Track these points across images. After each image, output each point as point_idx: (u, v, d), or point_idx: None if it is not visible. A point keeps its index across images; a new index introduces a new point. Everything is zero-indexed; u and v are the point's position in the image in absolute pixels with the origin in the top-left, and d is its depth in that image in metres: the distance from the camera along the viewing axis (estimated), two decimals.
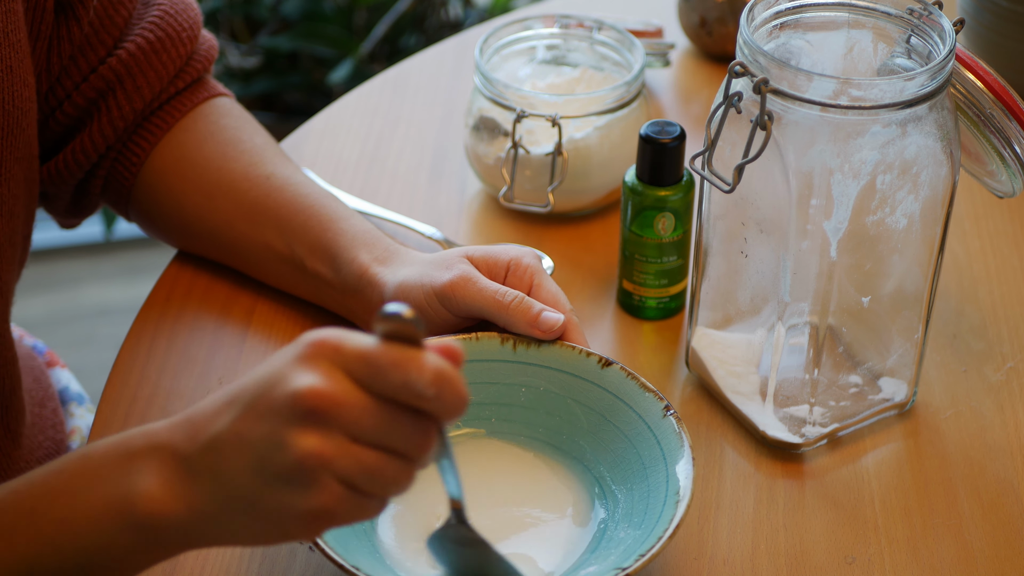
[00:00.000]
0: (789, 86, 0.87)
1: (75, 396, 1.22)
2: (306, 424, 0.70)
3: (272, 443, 0.70)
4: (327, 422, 0.70)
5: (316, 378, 0.70)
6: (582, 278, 1.12)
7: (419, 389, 0.70)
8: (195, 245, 1.10)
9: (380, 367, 0.70)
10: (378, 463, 0.71)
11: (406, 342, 0.70)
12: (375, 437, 0.71)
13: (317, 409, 0.69)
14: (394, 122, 1.29)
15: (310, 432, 0.70)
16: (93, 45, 1.04)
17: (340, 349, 0.70)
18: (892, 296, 0.97)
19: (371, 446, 0.71)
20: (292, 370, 0.71)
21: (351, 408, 0.70)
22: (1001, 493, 0.96)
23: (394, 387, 0.70)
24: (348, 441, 0.70)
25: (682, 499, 0.85)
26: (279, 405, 0.70)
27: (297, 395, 0.70)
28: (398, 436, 0.71)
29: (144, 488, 0.74)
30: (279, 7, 2.34)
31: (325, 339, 0.71)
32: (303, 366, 0.70)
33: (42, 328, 2.28)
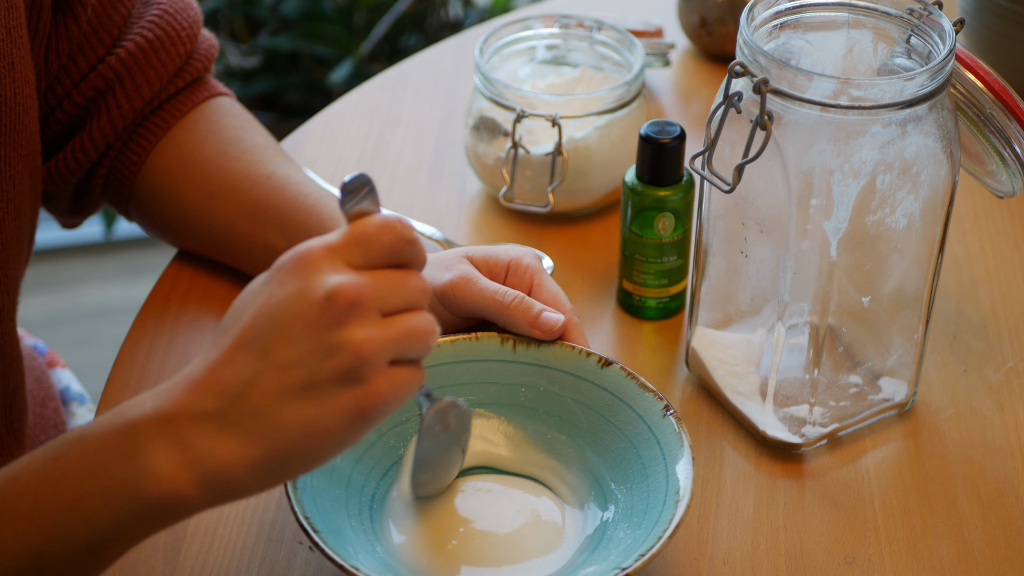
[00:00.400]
0: (789, 86, 0.87)
1: (76, 396, 1.22)
2: (348, 320, 0.72)
3: (322, 352, 0.72)
4: (363, 310, 0.72)
5: (336, 277, 0.72)
6: (582, 278, 1.12)
7: (406, 235, 0.74)
8: (195, 244, 1.10)
9: (371, 238, 0.73)
10: (409, 324, 0.74)
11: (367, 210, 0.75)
12: (398, 302, 0.74)
13: (352, 301, 0.72)
14: (394, 122, 1.29)
15: (354, 325, 0.72)
16: (92, 44, 1.04)
17: (329, 246, 0.73)
18: (892, 296, 0.97)
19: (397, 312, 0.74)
20: (305, 281, 0.72)
21: (372, 287, 0.72)
22: (1001, 493, 0.96)
23: (390, 248, 0.74)
24: (384, 318, 0.73)
25: (682, 499, 0.85)
26: (316, 316, 0.72)
27: (331, 296, 0.71)
28: (411, 290, 0.74)
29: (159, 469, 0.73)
30: (279, 7, 2.34)
31: (310, 247, 0.73)
32: (312, 275, 0.72)
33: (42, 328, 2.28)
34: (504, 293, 0.93)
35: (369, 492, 0.90)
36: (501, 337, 0.94)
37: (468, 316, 0.95)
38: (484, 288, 0.94)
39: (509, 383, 0.95)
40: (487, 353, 0.94)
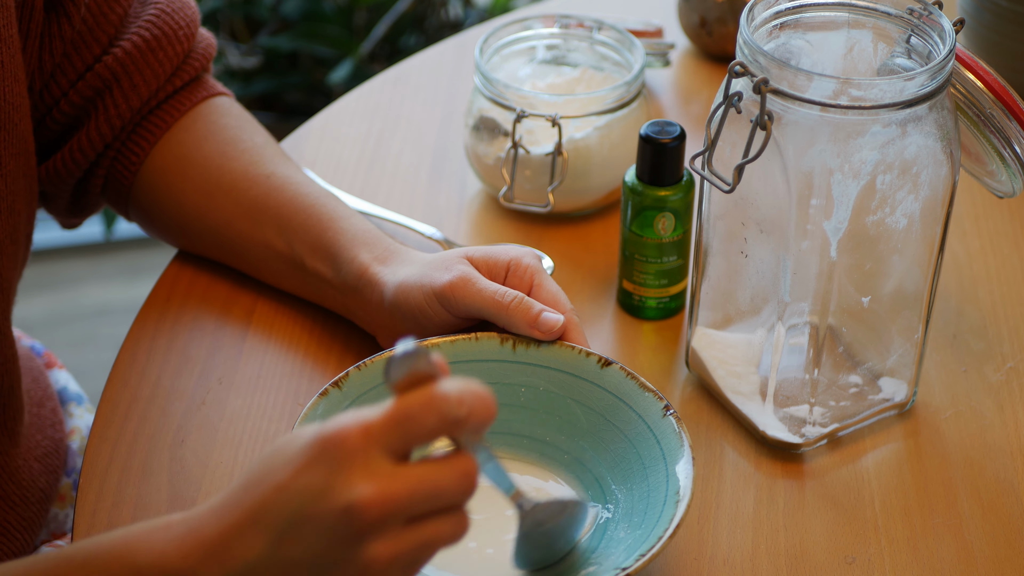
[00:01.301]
0: (789, 86, 0.87)
1: (74, 396, 1.22)
2: (367, 536, 0.68)
3: (331, 561, 0.68)
4: (383, 526, 0.68)
5: (364, 485, 0.67)
6: (582, 278, 1.12)
7: (455, 416, 0.68)
8: (195, 244, 1.10)
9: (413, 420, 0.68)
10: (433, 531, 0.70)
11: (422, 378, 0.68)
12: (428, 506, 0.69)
13: (377, 518, 0.67)
14: (394, 122, 1.29)
15: (373, 541, 0.68)
16: (87, 43, 1.04)
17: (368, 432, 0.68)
18: (892, 296, 0.97)
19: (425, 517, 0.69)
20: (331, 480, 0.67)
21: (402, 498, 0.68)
22: (1001, 493, 0.96)
23: (433, 430, 0.68)
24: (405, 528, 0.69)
25: (682, 499, 0.85)
26: (332, 524, 0.68)
27: (353, 509, 0.67)
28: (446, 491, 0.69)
29: None
30: (279, 7, 2.34)
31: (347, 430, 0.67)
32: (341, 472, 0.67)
33: (42, 328, 2.28)
34: (504, 293, 0.93)
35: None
36: (501, 337, 0.94)
37: (468, 316, 0.95)
38: (484, 288, 0.94)
39: (509, 383, 0.95)
40: (487, 353, 0.94)
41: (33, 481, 1.06)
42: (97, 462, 0.96)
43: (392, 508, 0.68)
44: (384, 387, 0.93)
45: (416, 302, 0.95)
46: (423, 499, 0.69)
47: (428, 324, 0.96)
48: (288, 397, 1.01)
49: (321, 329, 1.05)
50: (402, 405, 0.68)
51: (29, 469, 1.06)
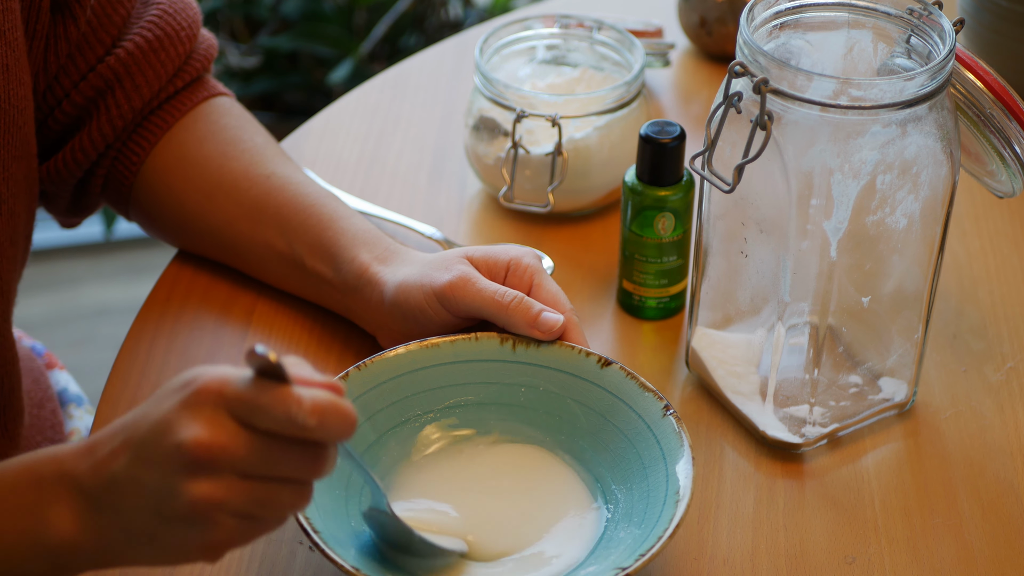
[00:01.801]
0: (789, 86, 0.87)
1: (74, 397, 1.22)
2: (194, 472, 0.72)
3: (164, 490, 0.73)
4: (214, 468, 0.72)
5: (199, 428, 0.72)
6: (582, 278, 1.12)
7: (301, 421, 0.72)
8: (195, 244, 1.10)
9: (260, 405, 0.72)
10: (270, 493, 0.74)
11: (278, 379, 0.72)
12: (265, 470, 0.73)
13: (203, 458, 0.72)
14: (394, 122, 1.29)
15: (199, 479, 0.73)
16: (91, 44, 1.04)
17: (222, 392, 0.73)
18: (892, 296, 0.97)
19: (262, 479, 0.74)
20: (178, 418, 0.73)
21: (236, 450, 0.72)
22: (1001, 493, 0.96)
23: (277, 422, 0.72)
24: (238, 479, 0.73)
25: (682, 499, 0.85)
26: (167, 454, 0.73)
27: (183, 446, 0.72)
28: (287, 465, 0.74)
29: (54, 518, 0.77)
30: (279, 7, 2.34)
31: (207, 383, 0.73)
32: (187, 414, 0.73)
33: (42, 328, 2.28)
34: (503, 293, 0.93)
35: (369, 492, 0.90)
36: (501, 337, 0.94)
37: (468, 316, 0.95)
38: (483, 288, 0.94)
39: (509, 383, 0.95)
40: (487, 353, 0.94)
41: None
42: None
43: (219, 454, 0.72)
44: (384, 387, 0.93)
45: (416, 302, 0.95)
46: (258, 461, 0.73)
47: (428, 324, 0.96)
48: None
49: (321, 329, 1.05)
50: (258, 390, 0.72)
51: None
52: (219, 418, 0.72)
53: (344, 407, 0.73)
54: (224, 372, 0.73)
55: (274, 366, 0.72)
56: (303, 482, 0.75)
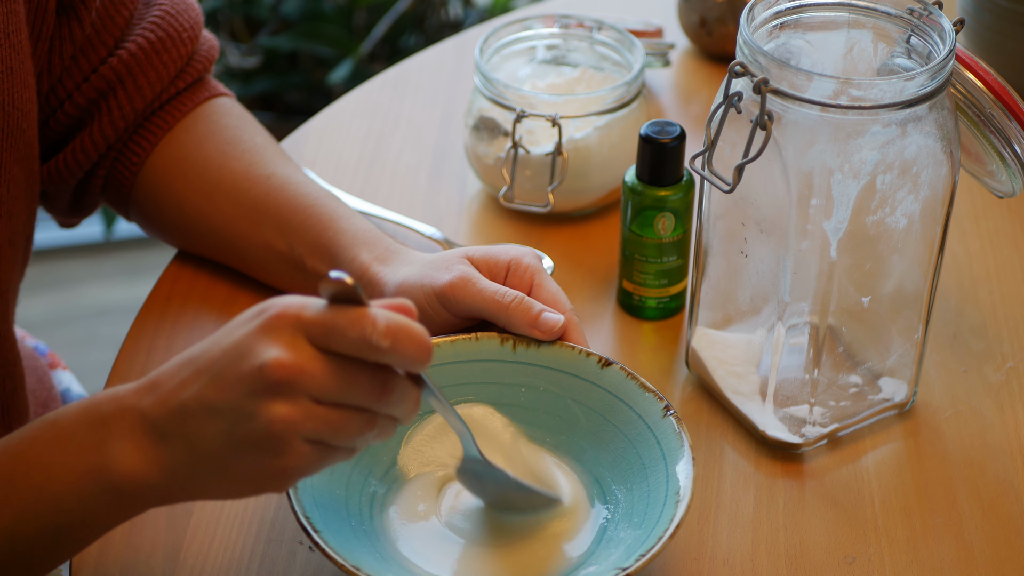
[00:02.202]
0: (789, 86, 0.87)
1: (77, 398, 1.22)
2: (273, 395, 0.74)
3: (242, 413, 0.74)
4: (292, 390, 0.74)
5: (280, 350, 0.74)
6: (582, 278, 1.12)
7: (375, 342, 0.73)
8: (195, 245, 1.10)
9: (337, 327, 0.74)
10: (341, 419, 0.75)
11: (353, 303, 0.74)
12: (338, 396, 0.75)
13: (283, 380, 0.73)
14: (394, 122, 1.29)
15: (277, 402, 0.74)
16: (94, 45, 1.04)
17: (300, 317, 0.74)
18: (892, 296, 0.97)
19: (335, 405, 0.75)
20: (257, 342, 0.74)
21: (314, 374, 0.74)
22: (1001, 493, 0.96)
23: (352, 344, 0.74)
24: (313, 404, 0.74)
25: (682, 499, 0.85)
26: (246, 377, 0.74)
27: (264, 367, 0.73)
28: (359, 392, 0.75)
29: (118, 454, 0.78)
30: (279, 7, 2.34)
31: (286, 309, 0.74)
32: (266, 337, 0.74)
33: (42, 328, 2.28)
34: (504, 293, 0.93)
35: (369, 492, 0.90)
36: (501, 337, 0.94)
37: (468, 316, 0.95)
38: (484, 288, 0.94)
39: (509, 383, 0.95)
40: (487, 353, 0.94)
41: None
42: None
43: (298, 376, 0.73)
44: None
45: (416, 302, 0.95)
46: (333, 385, 0.74)
47: (428, 324, 0.96)
48: None
49: None
50: (334, 313, 0.74)
51: None
52: (298, 341, 0.74)
53: (417, 330, 0.74)
54: (300, 299, 0.75)
55: (350, 289, 0.73)
56: (373, 411, 0.76)
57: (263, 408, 0.74)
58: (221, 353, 0.75)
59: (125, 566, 0.89)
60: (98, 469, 0.78)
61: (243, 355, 0.74)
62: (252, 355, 0.74)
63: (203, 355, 0.76)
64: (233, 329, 0.76)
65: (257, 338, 0.74)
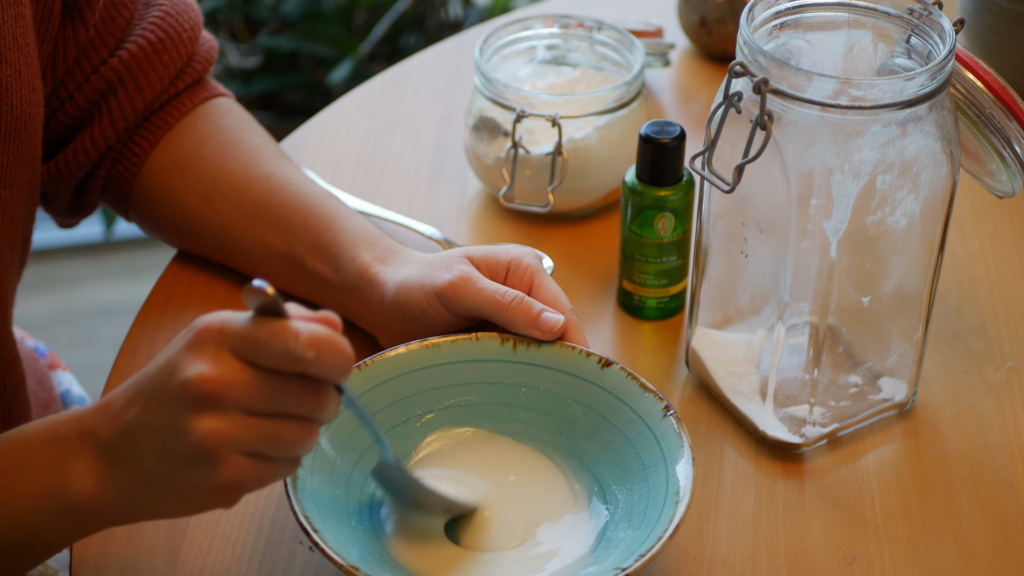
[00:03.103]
0: (789, 86, 0.87)
1: (77, 399, 1.22)
2: (200, 409, 0.75)
3: (173, 430, 0.75)
4: (220, 404, 0.74)
5: (203, 365, 0.74)
6: (582, 278, 1.12)
7: (298, 354, 0.74)
8: (195, 245, 1.10)
9: (260, 341, 0.74)
10: (276, 429, 0.76)
11: (275, 315, 0.74)
12: (268, 406, 0.75)
13: (208, 394, 0.74)
14: (394, 122, 1.29)
15: (206, 415, 0.75)
16: (96, 46, 1.04)
17: (223, 331, 0.75)
18: (892, 296, 0.97)
19: (267, 415, 0.75)
20: (183, 358, 0.75)
21: (240, 385, 0.74)
22: (1001, 493, 0.96)
23: (276, 357, 0.74)
24: (243, 416, 0.75)
25: (682, 499, 0.85)
26: (175, 394, 0.75)
27: (187, 383, 0.74)
28: (290, 401, 0.76)
29: (75, 475, 0.79)
30: (279, 7, 2.34)
31: (209, 324, 0.75)
32: (192, 353, 0.75)
33: (42, 328, 2.28)
34: (504, 293, 0.93)
35: (369, 492, 0.90)
36: (501, 337, 0.94)
37: (468, 316, 0.95)
38: (484, 288, 0.94)
39: (509, 383, 0.95)
40: (487, 353, 0.94)
41: None
42: None
43: (223, 389, 0.74)
44: (384, 387, 0.93)
45: (417, 301, 0.95)
46: (261, 397, 0.75)
47: (429, 323, 0.96)
48: None
49: None
50: (257, 326, 0.74)
51: None
52: (222, 355, 0.75)
53: (339, 342, 0.75)
54: (224, 314, 0.76)
55: (271, 299, 0.73)
56: (308, 419, 0.77)
57: (192, 423, 0.75)
58: (155, 373, 0.77)
59: (125, 566, 0.89)
60: (56, 489, 0.79)
61: (171, 373, 0.75)
62: (179, 372, 0.75)
63: (143, 376, 0.78)
64: (168, 349, 0.77)
65: (184, 355, 0.75)
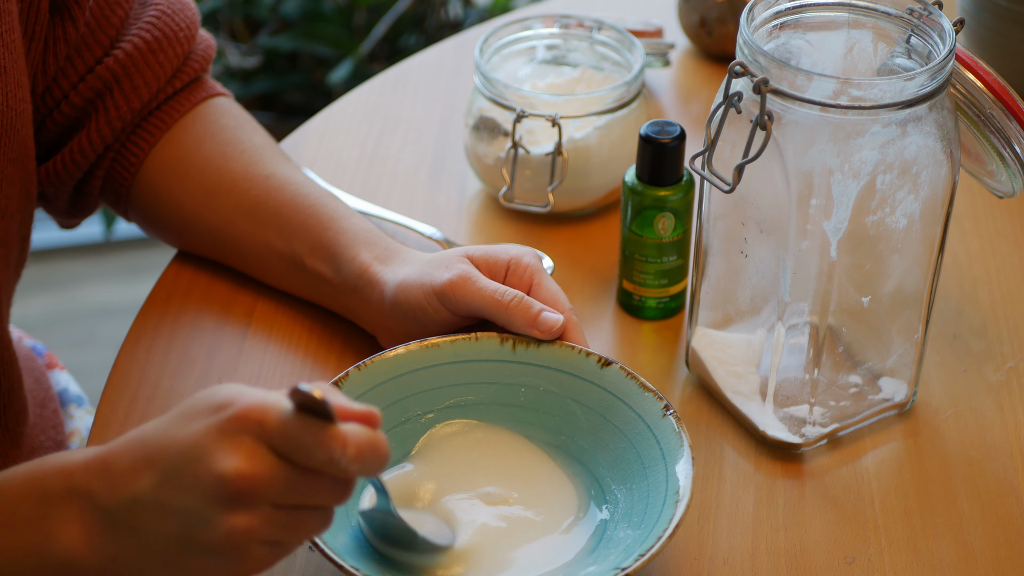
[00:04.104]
0: (789, 86, 0.87)
1: (74, 398, 1.22)
2: (233, 505, 0.72)
3: (199, 519, 0.73)
4: (253, 501, 0.72)
5: (240, 460, 0.72)
6: (582, 278, 1.12)
7: (343, 465, 0.72)
8: (195, 245, 1.10)
9: (304, 444, 0.72)
10: (299, 520, 0.74)
11: (321, 416, 0.72)
12: (299, 500, 0.74)
13: (244, 491, 0.72)
14: (394, 122, 1.29)
15: (237, 513, 0.72)
16: (89, 45, 1.04)
17: (263, 423, 0.72)
18: (892, 296, 0.97)
19: (293, 508, 0.74)
20: (216, 445, 0.72)
21: (274, 482, 0.72)
22: (1001, 493, 0.96)
23: (319, 463, 0.73)
24: (272, 509, 0.73)
25: (682, 499, 0.85)
26: (204, 484, 0.72)
27: (224, 478, 0.72)
28: (319, 495, 0.74)
29: (63, 535, 0.76)
30: (279, 7, 2.34)
31: (247, 411, 0.72)
32: (226, 443, 0.72)
33: (42, 328, 2.28)
34: (503, 292, 0.93)
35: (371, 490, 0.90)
36: (501, 337, 0.94)
37: (468, 315, 0.95)
38: (484, 287, 0.94)
39: (509, 383, 0.95)
40: (487, 353, 0.94)
41: None
42: None
43: (260, 489, 0.72)
44: (384, 387, 0.93)
45: (416, 300, 0.95)
46: (295, 493, 0.73)
47: (428, 323, 0.96)
48: None
49: (321, 329, 1.05)
50: (299, 427, 0.72)
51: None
52: (259, 450, 0.72)
53: (382, 445, 0.73)
54: (263, 400, 0.73)
55: (319, 403, 0.71)
56: (329, 508, 0.76)
57: (222, 518, 0.72)
58: (178, 451, 0.73)
59: None
60: (42, 546, 0.76)
61: (200, 458, 0.72)
62: (210, 460, 0.72)
63: (158, 444, 0.74)
64: (190, 419, 0.74)
65: (216, 441, 0.72)
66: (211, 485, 0.72)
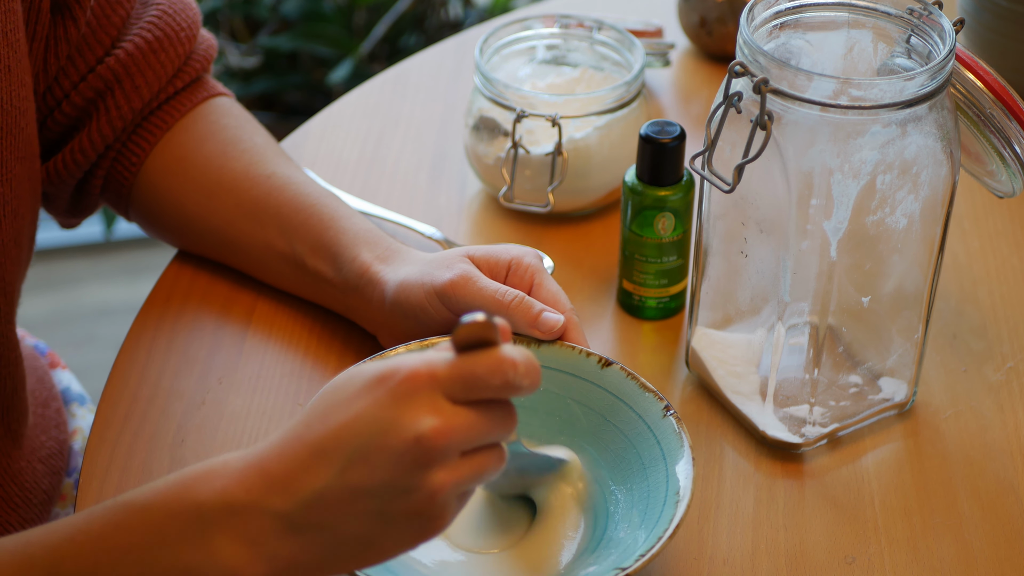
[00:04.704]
0: (789, 86, 0.87)
1: (76, 397, 1.22)
2: (431, 464, 0.72)
3: (399, 489, 0.72)
4: (447, 454, 0.72)
5: (431, 417, 0.72)
6: (582, 278, 1.12)
7: (517, 384, 0.73)
8: (195, 244, 1.10)
9: (478, 378, 0.72)
10: (482, 462, 0.74)
11: (485, 344, 0.73)
12: (481, 441, 0.74)
13: (439, 447, 0.72)
14: (394, 122, 1.29)
15: (436, 469, 0.72)
16: (91, 45, 1.04)
17: (435, 376, 0.72)
18: (892, 296, 0.98)
19: (475, 451, 0.74)
20: (399, 413, 0.72)
21: (462, 430, 0.72)
22: (1001, 493, 0.96)
23: (496, 390, 0.73)
24: (462, 459, 0.73)
25: (682, 499, 0.85)
26: (399, 453, 0.72)
27: (421, 440, 0.71)
28: (496, 429, 0.74)
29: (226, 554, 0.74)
30: (279, 7, 2.34)
31: (415, 371, 0.72)
32: (407, 406, 0.72)
33: (42, 328, 2.28)
34: (504, 292, 0.93)
35: None
36: None
37: None
38: (484, 287, 0.94)
39: None
40: None
41: (36, 483, 1.07)
42: (97, 462, 0.96)
43: (454, 439, 0.72)
44: None
45: (417, 300, 0.95)
46: (478, 435, 0.73)
47: (429, 322, 0.96)
48: (288, 397, 1.01)
49: (321, 329, 1.05)
50: (470, 364, 0.72)
51: (32, 471, 1.06)
52: (441, 402, 0.72)
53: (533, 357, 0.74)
54: (423, 357, 0.73)
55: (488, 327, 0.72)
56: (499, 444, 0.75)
57: (423, 480, 0.72)
58: (354, 434, 0.72)
59: None
60: (203, 563, 0.74)
61: (386, 431, 0.72)
62: (400, 428, 0.71)
63: (323, 436, 0.73)
64: (349, 403, 0.73)
65: (398, 408, 0.72)
66: (407, 451, 0.71)
